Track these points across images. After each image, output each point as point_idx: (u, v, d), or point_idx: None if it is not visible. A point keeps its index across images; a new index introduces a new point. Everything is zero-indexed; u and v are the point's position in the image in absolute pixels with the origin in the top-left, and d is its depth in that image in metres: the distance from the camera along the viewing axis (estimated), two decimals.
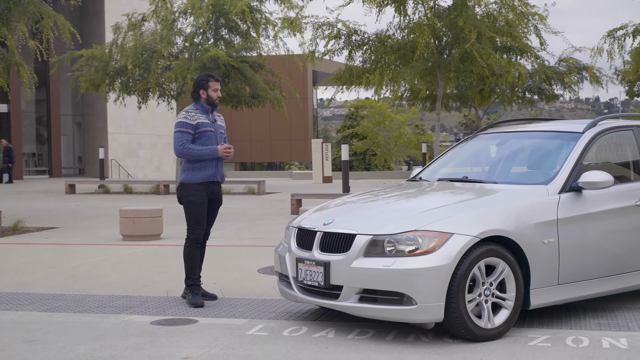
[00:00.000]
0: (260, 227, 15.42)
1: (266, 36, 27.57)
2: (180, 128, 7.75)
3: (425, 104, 32.41)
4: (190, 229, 7.89)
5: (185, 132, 7.72)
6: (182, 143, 7.72)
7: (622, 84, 31.84)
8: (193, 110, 7.84)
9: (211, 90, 7.85)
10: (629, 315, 6.95)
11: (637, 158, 7.37)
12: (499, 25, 18.66)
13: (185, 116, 7.78)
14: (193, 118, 7.76)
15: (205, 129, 7.79)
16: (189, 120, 7.75)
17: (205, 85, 7.84)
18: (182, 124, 7.74)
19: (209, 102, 7.87)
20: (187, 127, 7.73)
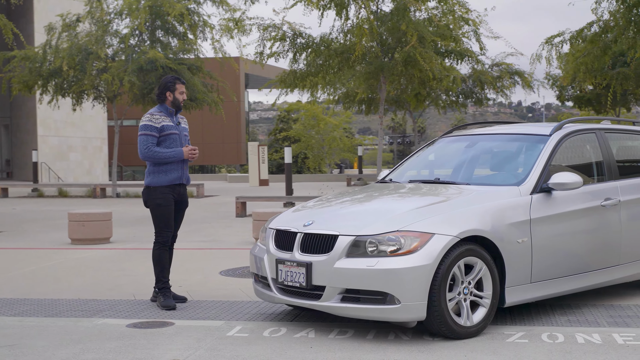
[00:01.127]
0: (209, 230, 15.38)
1: (204, 38, 27.49)
2: (145, 131, 7.69)
3: (361, 107, 32.73)
4: (159, 232, 7.86)
5: (150, 135, 7.68)
6: (147, 146, 7.67)
7: (552, 88, 32.71)
8: (157, 112, 7.79)
9: (178, 93, 7.81)
10: (595, 312, 7.19)
11: (600, 160, 7.63)
12: (440, 29, 18.95)
13: (149, 119, 7.72)
14: (157, 121, 7.72)
15: (170, 132, 7.76)
16: (153, 123, 7.70)
17: (172, 88, 7.79)
18: (147, 127, 7.69)
19: (174, 105, 7.83)
20: (152, 129, 7.68)
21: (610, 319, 6.89)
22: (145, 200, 7.93)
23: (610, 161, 7.67)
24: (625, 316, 7.02)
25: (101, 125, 45.86)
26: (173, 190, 7.86)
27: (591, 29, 18.74)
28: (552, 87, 32.57)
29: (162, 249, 7.87)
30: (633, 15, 17.30)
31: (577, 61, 18.77)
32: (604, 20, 18.20)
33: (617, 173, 7.66)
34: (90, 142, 45.03)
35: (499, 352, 5.89)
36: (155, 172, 7.80)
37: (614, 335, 6.32)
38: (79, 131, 43.77)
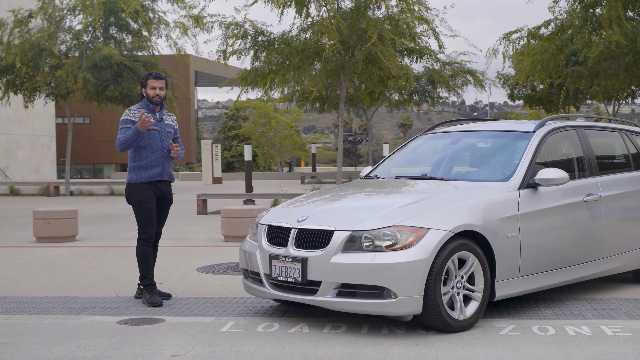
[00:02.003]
0: (174, 228, 15.29)
1: (158, 35, 27.31)
2: (121, 125, 7.70)
3: (315, 105, 32.81)
4: (141, 228, 7.80)
5: (124, 128, 7.67)
6: (118, 137, 7.68)
7: (504, 87, 33.20)
8: (137, 109, 7.76)
9: (149, 88, 7.76)
10: (579, 305, 7.36)
11: (581, 156, 7.80)
12: (398, 28, 19.11)
13: (127, 114, 7.73)
14: (135, 115, 7.68)
15: (149, 128, 7.70)
16: (130, 117, 7.69)
17: (145, 83, 7.80)
18: (124, 121, 7.70)
19: (148, 99, 7.79)
20: (128, 123, 7.67)
21: (594, 312, 7.05)
22: (127, 197, 7.90)
23: (591, 157, 7.85)
24: (609, 309, 7.19)
25: (49, 123, 45.20)
26: (154, 187, 7.80)
27: (548, 27, 19.07)
28: (503, 86, 33.06)
29: (146, 245, 7.81)
30: (589, 15, 17.67)
31: (534, 58, 19.07)
32: (561, 19, 18.53)
33: (597, 169, 7.84)
34: (38, 140, 44.37)
35: (495, 344, 5.99)
36: (135, 169, 7.78)
37: (602, 327, 6.47)
38: (26, 129, 43.09)
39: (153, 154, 7.75)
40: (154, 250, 8.02)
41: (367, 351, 5.84)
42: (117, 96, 26.40)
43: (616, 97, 27.72)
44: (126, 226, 15.69)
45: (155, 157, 7.76)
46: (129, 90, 26.43)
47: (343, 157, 76.84)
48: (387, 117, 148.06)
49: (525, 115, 51.42)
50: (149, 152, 7.74)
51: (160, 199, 7.94)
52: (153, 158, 7.75)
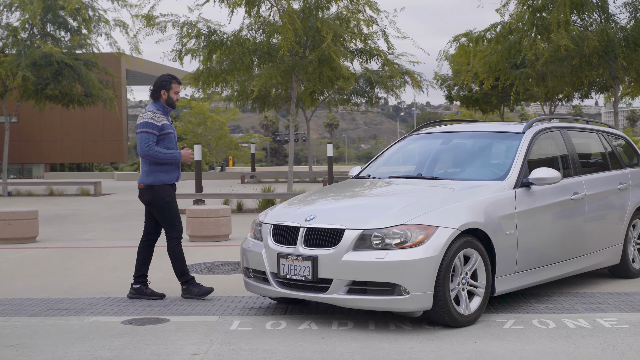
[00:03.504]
0: (132, 228, 15.19)
1: (98, 33, 26.95)
2: (146, 129, 7.67)
3: (255, 105, 32.84)
4: (173, 227, 7.93)
5: (151, 133, 7.67)
6: (148, 144, 7.66)
7: (441, 88, 33.75)
8: (157, 111, 7.79)
9: (172, 92, 7.84)
10: (567, 299, 7.64)
11: (567, 156, 8.10)
12: (348, 28, 19.32)
13: (152, 117, 7.71)
14: (159, 119, 7.73)
15: (168, 131, 7.81)
16: (155, 122, 7.71)
17: (168, 87, 7.82)
18: (149, 125, 7.68)
19: (168, 104, 7.85)
20: (153, 128, 7.69)
21: (585, 306, 7.34)
22: (148, 199, 7.90)
23: (574, 157, 8.16)
24: (597, 302, 7.48)
25: None
26: (172, 188, 7.95)
27: (496, 29, 19.52)
28: (441, 87, 33.62)
29: (180, 243, 7.97)
30: (537, 19, 18.15)
31: (484, 60, 19.51)
32: (508, 22, 19.00)
33: (580, 169, 8.15)
34: None
35: (503, 338, 6.20)
36: (157, 172, 7.82)
37: (597, 320, 6.75)
38: None
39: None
40: (150, 250, 8.14)
41: (384, 346, 5.98)
42: (57, 95, 25.97)
43: (557, 98, 28.51)
44: (82, 227, 15.51)
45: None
46: (69, 89, 26.04)
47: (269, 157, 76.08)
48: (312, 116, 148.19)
49: (459, 116, 52.24)
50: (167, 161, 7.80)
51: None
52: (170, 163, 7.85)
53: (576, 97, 30.05)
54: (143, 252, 8.13)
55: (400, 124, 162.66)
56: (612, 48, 17.38)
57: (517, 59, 20.21)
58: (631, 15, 18.81)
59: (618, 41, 17.28)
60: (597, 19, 18.70)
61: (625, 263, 8.60)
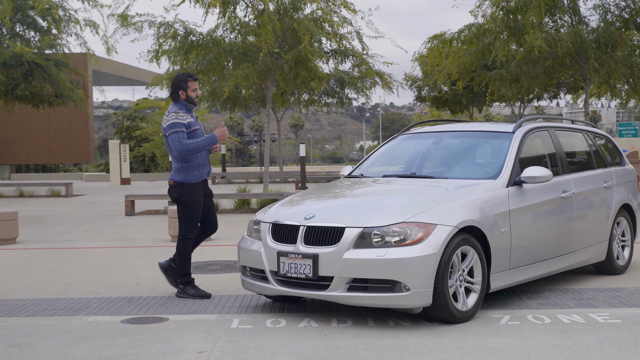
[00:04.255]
0: (109, 229, 15.14)
1: (69, 33, 26.77)
2: (175, 129, 7.82)
3: (226, 105, 32.78)
4: (190, 228, 8.02)
5: (180, 131, 7.82)
6: (179, 141, 7.78)
7: (411, 89, 33.98)
8: (180, 110, 7.94)
9: (190, 90, 7.99)
10: (557, 295, 7.79)
11: (555, 155, 8.26)
12: (324, 29, 19.41)
13: (176, 117, 7.86)
14: (183, 117, 7.89)
15: (196, 128, 7.99)
16: (181, 120, 7.87)
17: (184, 86, 7.97)
18: (176, 125, 7.83)
19: (188, 102, 8.02)
20: (180, 126, 7.84)
21: (575, 302, 7.50)
22: (176, 196, 8.01)
23: (562, 156, 8.33)
24: (586, 298, 7.65)
25: None
26: (201, 185, 8.10)
27: (470, 30, 19.72)
28: (410, 88, 33.86)
29: (191, 245, 8.05)
30: (510, 21, 18.39)
31: (458, 61, 19.71)
32: (482, 23, 19.22)
33: (568, 167, 8.32)
34: None
35: (502, 333, 6.33)
36: (187, 169, 7.95)
37: (590, 315, 6.91)
38: None
39: (202, 153, 7.99)
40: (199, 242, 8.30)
41: (386, 342, 6.08)
42: (27, 95, 25.74)
43: (526, 99, 28.88)
44: (60, 228, 15.43)
45: (204, 155, 8.05)
46: (40, 90, 25.81)
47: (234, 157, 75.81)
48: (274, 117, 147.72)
49: (427, 116, 52.64)
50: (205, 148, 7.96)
51: (206, 195, 8.19)
52: (202, 157, 8.03)
53: (544, 98, 30.46)
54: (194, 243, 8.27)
55: (365, 125, 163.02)
56: (584, 49, 17.67)
57: (488, 60, 20.43)
58: (601, 17, 19.13)
59: (590, 43, 17.56)
60: (569, 20, 18.99)
61: (610, 260, 8.79)
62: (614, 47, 17.83)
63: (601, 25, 18.86)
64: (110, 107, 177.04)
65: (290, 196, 7.85)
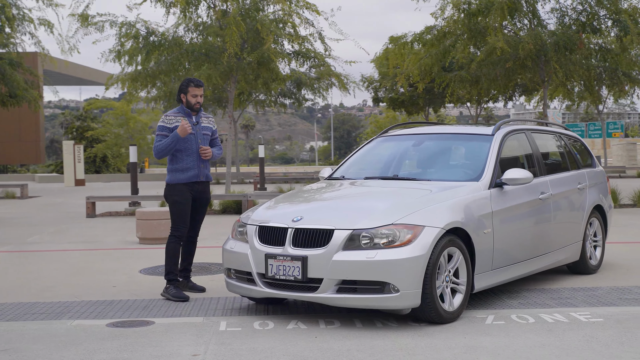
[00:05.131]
0: (73, 231, 14.98)
1: (22, 32, 26.36)
2: (157, 132, 8.10)
3: None
4: (175, 226, 8.14)
5: (160, 135, 8.08)
6: (155, 145, 8.03)
7: (368, 90, 34.13)
8: (173, 114, 8.15)
9: (190, 96, 8.13)
10: (535, 295, 7.92)
11: (532, 158, 8.40)
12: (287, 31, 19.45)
13: (163, 120, 8.12)
14: (171, 122, 8.08)
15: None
16: (166, 124, 8.09)
17: (185, 90, 8.14)
18: (159, 128, 8.12)
19: (188, 107, 8.13)
20: (163, 130, 8.09)
21: (554, 301, 7.63)
22: (165, 195, 8.28)
23: (539, 158, 8.47)
24: (565, 298, 7.79)
25: None
26: (191, 188, 8.19)
27: (431, 32, 19.91)
28: (367, 89, 34.01)
29: (177, 243, 8.16)
30: (471, 23, 18.61)
31: (418, 62, 19.88)
32: (442, 26, 19.41)
33: (545, 169, 8.46)
34: None
35: (490, 332, 6.42)
36: (173, 171, 8.19)
37: (572, 314, 7.03)
38: None
39: (189, 156, 8.13)
40: (192, 246, 8.41)
41: (378, 343, 6.12)
42: None
43: (483, 100, 29.22)
44: (22, 231, 15.22)
45: (191, 159, 8.14)
46: None
47: None
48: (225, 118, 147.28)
49: (384, 117, 52.96)
50: (185, 155, 8.12)
51: (197, 200, 8.29)
52: (189, 161, 8.14)
53: (500, 100, 30.86)
54: (183, 247, 8.38)
55: (318, 125, 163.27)
56: (545, 52, 17.95)
57: (446, 62, 20.64)
58: (558, 20, 19.45)
59: (550, 45, 17.85)
60: (527, 24, 19.27)
61: (584, 259, 8.96)
62: (572, 49, 18.14)
63: (559, 29, 19.17)
64: (57, 107, 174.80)
65: (274, 198, 7.86)
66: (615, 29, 18.36)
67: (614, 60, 19.83)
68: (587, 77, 19.84)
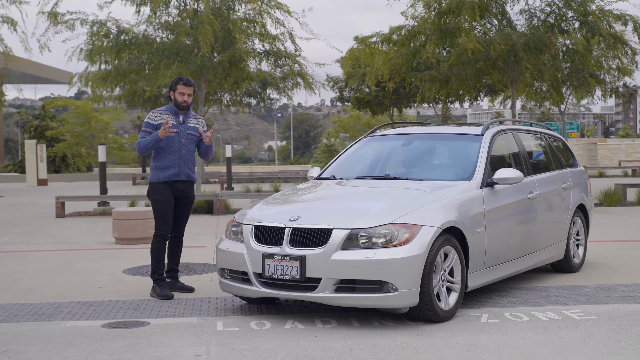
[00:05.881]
0: (45, 232, 14.80)
1: None
2: (143, 128, 8.12)
3: (147, 105, 32.34)
4: (157, 225, 8.12)
5: (143, 131, 8.09)
6: (138, 141, 8.05)
7: (333, 90, 34.20)
8: (160, 112, 8.17)
9: (177, 94, 8.11)
10: (524, 294, 8.01)
11: (519, 157, 8.49)
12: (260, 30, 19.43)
13: (149, 116, 8.15)
14: (156, 119, 8.10)
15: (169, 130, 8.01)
16: (151, 121, 8.12)
17: (174, 88, 8.16)
18: (145, 124, 8.13)
19: (175, 104, 8.13)
20: (148, 126, 8.11)
21: (544, 299, 7.73)
22: (147, 194, 8.27)
23: (526, 158, 8.57)
24: (553, 296, 7.89)
25: None
26: (172, 187, 8.14)
27: (401, 32, 20.00)
28: (332, 89, 34.07)
29: (161, 242, 8.11)
30: (442, 24, 18.73)
31: (390, 62, 19.96)
32: (413, 25, 19.51)
33: (531, 169, 8.56)
34: None
35: (487, 331, 6.48)
36: (154, 169, 8.17)
37: (564, 312, 7.13)
38: None
39: (171, 155, 8.08)
40: (178, 245, 8.36)
41: (379, 342, 6.15)
42: None
43: (451, 100, 29.40)
44: None
45: (172, 158, 8.09)
46: None
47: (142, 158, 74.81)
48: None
49: (347, 117, 53.06)
50: (167, 153, 8.09)
51: (180, 199, 8.25)
52: (170, 159, 8.10)
53: (466, 100, 31.08)
54: (169, 247, 8.35)
55: (271, 124, 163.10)
56: (516, 52, 18.14)
57: (413, 62, 20.74)
58: (527, 21, 19.67)
59: (521, 45, 18.04)
60: (497, 24, 19.45)
61: (568, 258, 9.08)
62: (541, 50, 18.35)
63: (528, 30, 19.37)
64: (12, 106, 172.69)
65: (266, 198, 7.84)
66: (583, 30, 18.60)
67: (580, 62, 20.09)
68: (555, 78, 20.08)
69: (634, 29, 19.25)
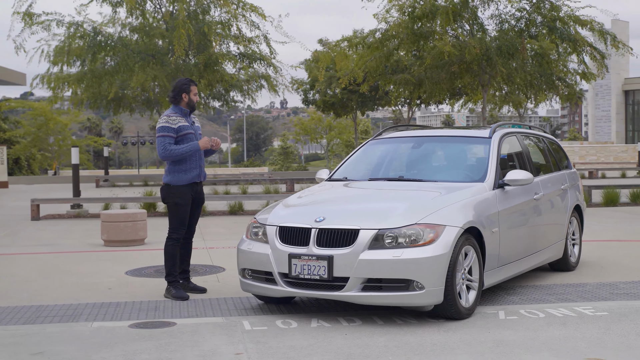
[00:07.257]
0: (25, 234, 14.71)
1: None
2: (162, 132, 7.99)
3: (110, 106, 32.18)
4: (174, 229, 8.12)
5: (167, 136, 7.98)
6: (164, 146, 7.94)
7: (297, 92, 34.36)
8: (173, 114, 8.09)
9: (192, 94, 8.15)
10: (531, 292, 8.26)
11: (524, 159, 8.74)
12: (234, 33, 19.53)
13: (166, 120, 8.01)
14: (174, 122, 8.03)
15: (187, 132, 8.07)
16: (170, 124, 8.01)
17: (188, 89, 8.11)
18: (164, 129, 7.98)
19: (189, 106, 8.16)
20: (169, 130, 7.99)
21: (552, 297, 7.98)
22: (163, 197, 8.20)
23: (530, 160, 8.82)
24: (560, 293, 8.15)
25: None
26: (192, 189, 8.17)
27: (375, 35, 20.24)
28: (296, 91, 34.21)
29: (176, 245, 8.16)
30: (415, 28, 19.02)
31: (365, 65, 20.20)
32: (386, 29, 19.77)
33: (535, 171, 8.82)
34: None
35: (509, 326, 6.69)
36: (175, 171, 8.09)
37: (576, 308, 7.37)
38: None
39: (192, 156, 8.12)
40: (189, 246, 8.41)
41: (409, 339, 6.32)
42: None
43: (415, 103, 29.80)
44: None
45: (194, 160, 8.14)
46: None
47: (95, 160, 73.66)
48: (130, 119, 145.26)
49: (308, 120, 53.21)
50: (190, 155, 8.09)
51: (195, 199, 8.30)
52: (193, 161, 8.17)
53: (431, 103, 31.51)
54: (180, 249, 8.34)
55: (224, 127, 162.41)
56: (490, 56, 18.50)
57: (388, 64, 20.98)
58: (497, 26, 20.07)
59: (495, 50, 18.41)
60: (468, 29, 19.81)
61: (566, 257, 9.37)
62: (514, 54, 18.75)
63: (499, 35, 19.76)
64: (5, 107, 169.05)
65: (284, 200, 7.95)
66: (552, 35, 19.04)
67: (548, 66, 20.54)
68: (525, 81, 20.51)
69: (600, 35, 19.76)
